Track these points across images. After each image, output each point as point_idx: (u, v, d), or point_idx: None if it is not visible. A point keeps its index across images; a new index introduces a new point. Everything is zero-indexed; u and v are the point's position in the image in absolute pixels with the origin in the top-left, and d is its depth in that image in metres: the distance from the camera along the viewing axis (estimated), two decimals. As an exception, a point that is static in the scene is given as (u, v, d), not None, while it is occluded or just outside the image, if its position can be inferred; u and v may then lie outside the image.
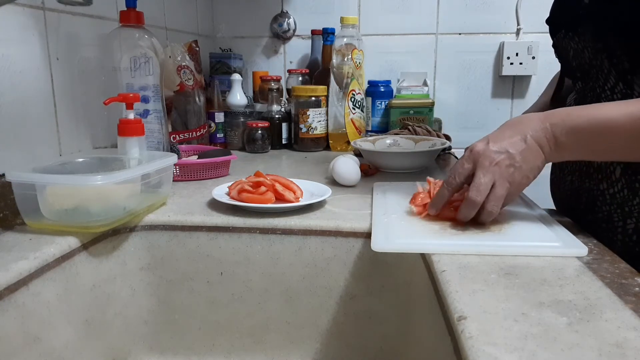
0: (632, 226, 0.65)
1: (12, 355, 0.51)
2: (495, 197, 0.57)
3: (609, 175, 0.66)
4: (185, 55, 1.08)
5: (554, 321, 0.39)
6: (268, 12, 1.53)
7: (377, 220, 0.64)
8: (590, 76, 0.69)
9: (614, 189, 0.66)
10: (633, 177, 0.64)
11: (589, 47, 0.68)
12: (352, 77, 1.20)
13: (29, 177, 0.59)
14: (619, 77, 0.64)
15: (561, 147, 0.56)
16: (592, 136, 0.55)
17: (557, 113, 0.57)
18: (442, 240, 0.56)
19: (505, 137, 0.58)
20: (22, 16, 0.72)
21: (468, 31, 1.48)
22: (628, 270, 0.50)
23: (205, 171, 0.91)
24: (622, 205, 0.65)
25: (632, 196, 0.64)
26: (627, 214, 0.65)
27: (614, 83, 0.64)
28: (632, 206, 0.64)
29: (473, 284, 0.46)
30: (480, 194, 0.57)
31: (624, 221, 0.65)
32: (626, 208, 0.65)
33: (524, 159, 0.56)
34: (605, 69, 0.66)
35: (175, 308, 0.72)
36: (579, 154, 0.58)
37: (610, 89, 0.65)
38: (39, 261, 0.55)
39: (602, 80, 0.66)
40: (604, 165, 0.67)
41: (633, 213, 0.64)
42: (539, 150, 0.57)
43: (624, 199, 0.65)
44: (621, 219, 0.65)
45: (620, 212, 0.65)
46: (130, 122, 0.72)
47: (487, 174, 0.57)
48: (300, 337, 0.71)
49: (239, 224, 0.68)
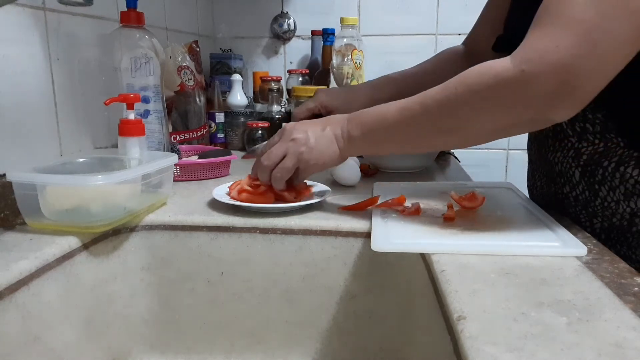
0: (599, 225, 0.67)
1: (12, 355, 0.51)
2: (282, 167, 0.66)
3: (569, 179, 0.69)
4: (186, 55, 1.09)
5: (554, 321, 0.39)
6: (268, 12, 1.53)
7: (377, 220, 0.64)
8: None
9: (576, 191, 0.68)
10: (591, 179, 0.66)
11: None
12: (352, 77, 1.20)
13: (29, 177, 0.59)
14: None
15: (352, 139, 0.65)
16: (374, 128, 0.63)
17: (357, 112, 0.66)
18: (442, 240, 0.56)
19: (311, 125, 0.67)
20: (23, 16, 0.72)
21: (468, 31, 1.48)
22: (627, 270, 0.50)
23: (206, 171, 0.91)
24: (585, 206, 0.67)
25: (594, 197, 0.66)
26: (591, 214, 0.67)
27: None
28: (595, 207, 0.66)
29: (473, 283, 0.46)
30: (269, 160, 0.66)
31: (591, 221, 0.67)
32: (590, 209, 0.67)
33: (317, 143, 0.65)
34: None
35: (175, 308, 0.72)
36: (366, 145, 0.65)
37: None
38: (40, 261, 0.55)
39: None
40: (564, 170, 0.69)
41: (597, 213, 0.66)
42: (333, 141, 0.65)
43: (586, 200, 0.67)
44: (588, 219, 0.68)
45: (586, 213, 0.68)
46: (130, 122, 0.72)
47: (282, 146, 0.66)
48: (300, 337, 0.71)
49: (239, 224, 0.68)
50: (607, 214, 0.66)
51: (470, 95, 0.54)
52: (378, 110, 0.63)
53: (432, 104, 0.57)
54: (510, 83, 0.51)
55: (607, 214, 0.66)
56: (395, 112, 0.61)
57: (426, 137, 0.61)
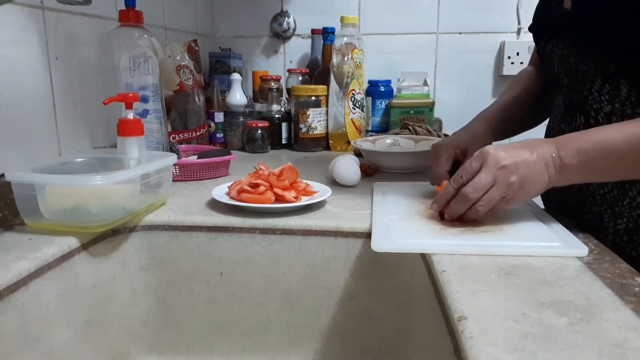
0: (623, 226, 0.66)
1: (12, 355, 0.51)
2: (488, 198, 0.57)
3: None
4: (185, 54, 1.08)
5: (554, 321, 0.39)
6: (268, 11, 1.53)
7: (377, 220, 0.64)
8: (576, 80, 0.69)
9: (604, 189, 0.67)
10: None
11: (573, 53, 0.69)
12: (352, 76, 1.20)
13: (28, 177, 0.59)
14: (605, 79, 0.65)
15: (566, 168, 0.57)
16: (595, 158, 0.56)
17: (564, 137, 0.59)
18: (442, 240, 0.56)
19: (517, 148, 0.58)
20: (21, 16, 0.71)
21: (468, 31, 1.48)
22: (628, 271, 0.50)
23: (205, 171, 0.91)
24: (612, 205, 0.66)
25: (622, 196, 0.65)
26: (617, 214, 0.66)
27: (601, 85, 0.65)
28: (622, 206, 0.65)
29: (473, 284, 0.46)
30: (476, 191, 0.57)
31: (615, 221, 0.66)
32: (616, 208, 0.66)
33: (528, 171, 0.57)
34: (592, 72, 0.66)
35: (175, 308, 0.72)
36: (583, 175, 0.59)
37: (598, 90, 0.66)
38: (39, 261, 0.54)
39: (589, 84, 0.67)
40: None
41: (623, 213, 0.65)
42: (544, 169, 0.57)
43: (614, 199, 0.66)
44: (612, 219, 0.67)
45: (611, 212, 0.66)
46: (129, 122, 0.72)
47: (489, 175, 0.57)
48: (300, 338, 0.71)
49: (239, 224, 0.68)
50: (635, 215, 0.65)
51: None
52: (595, 136, 0.58)
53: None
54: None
55: (634, 215, 0.65)
56: (623, 140, 0.56)
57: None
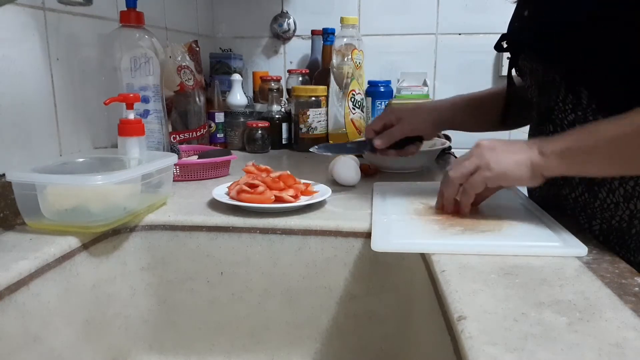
0: (597, 227, 0.67)
1: (12, 355, 0.51)
2: (471, 180, 0.61)
3: (569, 181, 0.69)
4: (186, 55, 1.08)
5: (554, 321, 0.39)
6: (268, 12, 1.53)
7: (377, 220, 0.64)
8: (545, 91, 0.71)
9: (575, 193, 0.68)
10: (591, 181, 0.66)
11: (540, 66, 0.71)
12: (352, 77, 1.20)
13: (29, 177, 0.59)
14: (568, 89, 0.66)
15: (548, 150, 0.58)
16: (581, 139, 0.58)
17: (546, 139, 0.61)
18: (442, 240, 0.56)
19: (500, 140, 0.62)
20: (22, 16, 0.72)
21: (468, 31, 1.48)
22: (628, 270, 0.50)
23: (205, 171, 0.91)
24: (584, 208, 0.68)
25: (593, 199, 0.66)
26: (590, 216, 0.67)
27: (565, 95, 0.67)
28: (594, 209, 0.67)
29: (473, 284, 0.46)
30: (456, 171, 0.62)
31: (590, 223, 0.68)
32: (589, 211, 0.67)
33: (506, 146, 0.60)
34: (557, 83, 0.68)
35: (175, 308, 0.72)
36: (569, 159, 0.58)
37: (562, 100, 0.68)
38: (39, 261, 0.55)
39: (554, 94, 0.69)
40: None
41: (596, 215, 0.67)
42: (524, 146, 0.59)
43: (585, 202, 0.67)
44: (587, 222, 0.68)
45: (585, 215, 0.68)
46: (130, 122, 0.72)
47: (471, 157, 0.61)
48: (300, 337, 0.71)
49: (239, 224, 0.68)
50: (606, 216, 0.66)
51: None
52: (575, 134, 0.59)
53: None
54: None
55: (606, 216, 0.66)
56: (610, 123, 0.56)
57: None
